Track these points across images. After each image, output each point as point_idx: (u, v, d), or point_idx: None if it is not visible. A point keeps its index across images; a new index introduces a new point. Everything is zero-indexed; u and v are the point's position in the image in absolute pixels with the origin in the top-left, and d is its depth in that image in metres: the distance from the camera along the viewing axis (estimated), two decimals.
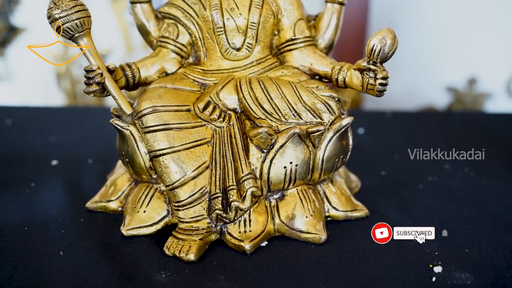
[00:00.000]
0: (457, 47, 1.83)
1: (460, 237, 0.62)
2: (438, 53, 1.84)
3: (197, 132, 0.62)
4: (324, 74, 0.67)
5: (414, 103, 1.92)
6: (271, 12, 0.67)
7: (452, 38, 1.83)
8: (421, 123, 1.09)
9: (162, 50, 0.68)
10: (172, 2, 0.69)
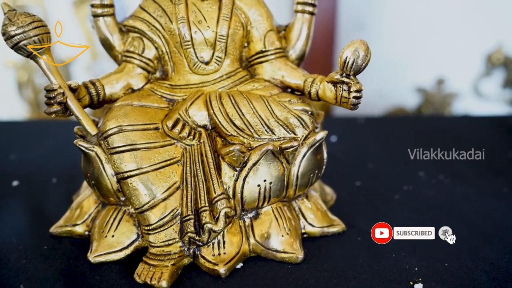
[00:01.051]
0: (425, 48, 1.85)
1: (439, 250, 0.61)
2: (407, 55, 1.86)
3: (167, 152, 0.59)
4: (296, 87, 0.65)
5: (384, 104, 1.93)
6: (240, 24, 0.65)
7: (420, 39, 1.85)
8: (393, 128, 1.09)
9: (128, 65, 0.65)
10: (136, 15, 0.66)
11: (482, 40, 1.81)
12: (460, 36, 1.83)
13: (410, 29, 1.83)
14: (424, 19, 1.82)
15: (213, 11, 0.64)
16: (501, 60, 1.83)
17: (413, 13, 1.81)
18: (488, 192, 0.76)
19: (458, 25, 1.81)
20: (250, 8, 0.66)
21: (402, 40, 1.85)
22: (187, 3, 0.64)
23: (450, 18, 1.81)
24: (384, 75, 1.87)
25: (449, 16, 1.80)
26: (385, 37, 1.85)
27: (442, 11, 1.80)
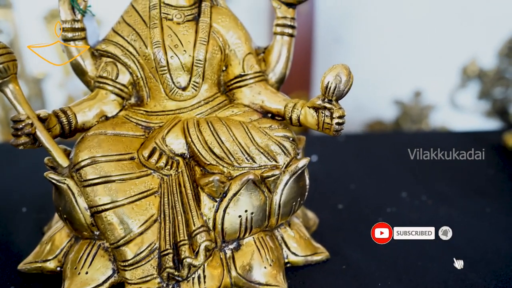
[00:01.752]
0: (402, 61, 1.86)
1: (425, 277, 0.59)
2: (384, 68, 1.87)
3: (143, 183, 0.56)
4: (277, 112, 0.63)
5: (362, 118, 1.93)
6: (218, 48, 0.63)
7: (396, 53, 1.86)
8: (374, 146, 1.08)
9: (101, 91, 0.62)
10: (109, 39, 0.63)
11: (457, 53, 1.83)
12: (436, 49, 1.85)
13: (386, 43, 1.84)
14: (400, 32, 1.83)
15: (190, 34, 0.62)
16: (476, 72, 1.85)
17: (389, 27, 1.83)
18: (471, 212, 0.76)
19: (434, 38, 1.83)
20: (228, 31, 0.64)
21: (379, 54, 1.86)
22: (162, 26, 0.62)
23: (425, 32, 1.83)
24: (362, 88, 1.88)
25: (425, 30, 1.82)
26: (362, 50, 1.86)
27: (417, 25, 1.82)
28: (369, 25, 1.80)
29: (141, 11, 0.63)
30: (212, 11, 0.64)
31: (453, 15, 1.79)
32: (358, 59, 1.85)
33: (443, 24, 1.82)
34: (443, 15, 1.79)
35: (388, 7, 1.79)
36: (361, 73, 1.85)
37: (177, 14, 0.63)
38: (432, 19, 1.81)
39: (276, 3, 0.66)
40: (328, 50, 1.81)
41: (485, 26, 1.79)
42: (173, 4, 0.63)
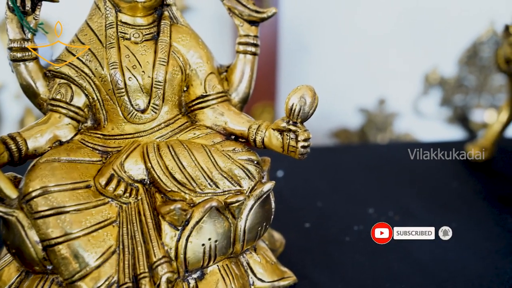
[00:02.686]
0: (366, 69, 1.88)
1: None
2: (349, 76, 1.88)
3: (100, 213, 0.53)
4: (240, 134, 0.61)
5: (328, 126, 1.94)
6: (178, 68, 0.61)
7: (360, 61, 1.88)
8: (340, 159, 1.08)
9: (54, 115, 0.59)
10: (62, 59, 0.60)
11: (419, 61, 1.86)
12: (399, 58, 1.87)
13: (351, 51, 1.86)
14: (364, 41, 1.85)
15: (149, 54, 0.60)
16: (437, 80, 1.89)
17: (353, 36, 1.84)
18: (436, 228, 0.75)
19: (397, 47, 1.86)
20: (188, 50, 0.62)
21: (343, 62, 1.87)
22: (119, 46, 0.59)
23: (389, 41, 1.85)
24: (327, 96, 1.88)
25: (388, 38, 1.85)
26: (327, 59, 1.86)
27: (381, 34, 1.84)
28: (333, 34, 1.81)
29: (97, 30, 0.60)
30: (172, 29, 0.62)
31: (415, 24, 1.82)
32: (323, 67, 1.85)
33: (405, 33, 1.84)
34: (405, 24, 1.82)
35: (352, 16, 1.80)
36: (326, 82, 1.86)
37: (134, 33, 0.60)
38: (395, 29, 1.84)
39: (239, 20, 0.64)
40: (293, 58, 1.81)
41: (446, 35, 1.82)
42: (131, 22, 0.60)
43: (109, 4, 0.60)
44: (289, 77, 1.79)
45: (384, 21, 1.83)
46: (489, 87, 1.89)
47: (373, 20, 1.83)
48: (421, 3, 1.80)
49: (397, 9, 1.81)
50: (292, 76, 1.80)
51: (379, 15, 1.82)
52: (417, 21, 1.82)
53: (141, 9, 0.60)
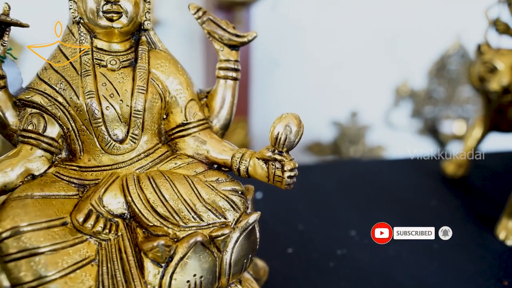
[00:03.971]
0: (338, 82, 1.89)
1: None
2: (321, 90, 1.89)
3: (78, 252, 0.50)
4: (223, 163, 0.59)
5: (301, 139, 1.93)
6: (158, 95, 0.59)
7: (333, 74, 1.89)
8: (317, 178, 1.07)
9: (25, 147, 0.55)
10: (34, 87, 0.56)
11: (389, 74, 1.89)
12: (369, 71, 1.90)
13: (323, 65, 1.87)
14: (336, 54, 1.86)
15: (127, 82, 0.57)
16: (408, 92, 1.91)
17: (325, 49, 1.85)
18: (419, 250, 0.75)
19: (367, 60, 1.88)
20: (167, 76, 0.60)
21: (315, 76, 1.88)
22: (95, 74, 0.56)
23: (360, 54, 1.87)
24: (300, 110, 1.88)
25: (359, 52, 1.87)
26: (299, 72, 1.87)
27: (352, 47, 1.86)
28: (305, 48, 1.82)
29: (71, 56, 0.57)
30: (150, 55, 0.60)
31: (385, 38, 1.85)
32: (294, 82, 1.86)
33: (376, 47, 1.87)
34: (376, 38, 1.85)
35: (323, 30, 1.81)
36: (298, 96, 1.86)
37: (111, 60, 0.57)
38: (366, 43, 1.86)
39: (219, 45, 0.62)
40: (265, 74, 1.81)
41: (415, 48, 1.86)
42: (107, 49, 0.58)
43: (83, 30, 0.58)
44: (261, 92, 1.79)
45: (355, 35, 1.86)
46: (457, 99, 1.93)
47: (344, 34, 1.85)
48: (391, 19, 1.83)
49: (367, 24, 1.84)
50: (264, 91, 1.79)
51: (350, 30, 1.84)
52: (387, 35, 1.85)
53: (117, 34, 0.58)
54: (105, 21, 0.56)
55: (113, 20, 0.56)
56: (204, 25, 0.62)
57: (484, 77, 0.90)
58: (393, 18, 1.84)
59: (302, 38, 1.80)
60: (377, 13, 1.83)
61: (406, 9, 1.85)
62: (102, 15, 0.56)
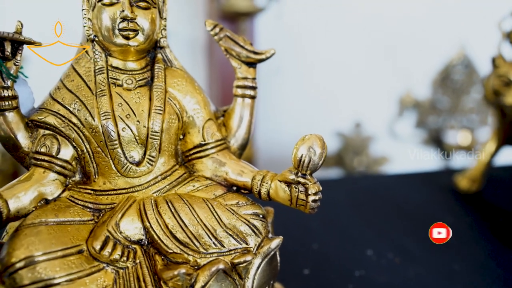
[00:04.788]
0: (342, 93, 1.88)
1: None
2: (325, 100, 1.88)
3: (95, 281, 0.48)
4: (243, 185, 0.57)
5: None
6: (175, 116, 0.57)
7: (336, 84, 1.88)
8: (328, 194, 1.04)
9: (38, 170, 0.53)
10: (48, 108, 0.54)
11: (393, 85, 1.88)
12: (373, 81, 1.88)
13: (326, 75, 1.86)
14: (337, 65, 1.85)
15: (143, 102, 0.55)
16: (412, 102, 1.90)
17: (328, 60, 1.84)
18: (439, 271, 0.73)
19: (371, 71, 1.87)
20: (185, 96, 0.58)
21: (319, 86, 1.86)
22: (111, 94, 0.54)
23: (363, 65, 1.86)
24: (303, 120, 1.87)
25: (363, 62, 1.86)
26: (302, 83, 1.85)
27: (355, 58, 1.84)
28: (309, 57, 1.81)
29: (85, 75, 0.55)
30: (166, 73, 0.58)
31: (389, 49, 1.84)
32: (299, 91, 1.84)
33: (380, 57, 1.86)
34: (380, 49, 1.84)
35: (327, 40, 1.80)
36: (302, 106, 1.85)
37: (127, 79, 0.55)
38: (370, 53, 1.85)
39: (236, 62, 0.61)
40: (269, 83, 1.79)
41: (419, 58, 1.85)
42: (122, 67, 0.56)
43: (98, 48, 0.56)
44: (265, 102, 1.77)
45: (358, 45, 1.85)
46: (461, 109, 1.92)
47: (347, 44, 1.84)
48: (394, 28, 1.82)
49: (371, 33, 1.83)
50: (268, 102, 1.78)
51: (353, 40, 1.83)
52: (390, 45, 1.84)
53: (133, 52, 0.56)
54: (121, 39, 0.54)
55: (129, 38, 0.54)
56: (221, 42, 0.60)
57: (499, 90, 0.89)
58: (397, 28, 1.83)
59: (305, 48, 1.78)
60: (381, 23, 1.82)
61: (410, 18, 1.84)
62: (118, 33, 0.54)
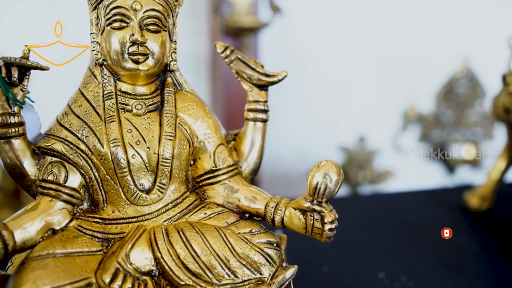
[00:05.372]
0: (345, 107, 1.87)
1: None
2: (328, 114, 1.86)
3: None
4: (256, 212, 0.56)
5: (308, 164, 1.90)
6: (186, 141, 0.55)
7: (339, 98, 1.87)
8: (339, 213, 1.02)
9: (44, 199, 0.51)
10: (55, 134, 0.53)
11: (396, 98, 1.87)
12: (376, 95, 1.87)
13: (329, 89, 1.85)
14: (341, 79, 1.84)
15: (153, 128, 0.53)
16: (415, 116, 1.89)
17: (332, 73, 1.83)
18: None
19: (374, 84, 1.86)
20: (195, 120, 0.56)
21: (322, 100, 1.85)
22: (120, 119, 0.53)
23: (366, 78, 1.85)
24: (307, 134, 1.86)
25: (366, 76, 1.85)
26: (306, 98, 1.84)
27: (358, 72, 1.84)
28: (312, 72, 1.80)
29: (93, 101, 0.54)
30: (176, 97, 0.57)
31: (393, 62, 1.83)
32: (302, 105, 1.83)
33: (383, 71, 1.85)
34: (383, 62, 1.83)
35: (331, 54, 1.79)
36: (305, 121, 1.83)
37: (137, 104, 0.54)
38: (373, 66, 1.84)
39: (248, 85, 0.59)
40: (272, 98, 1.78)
41: (422, 72, 1.84)
42: (131, 92, 0.54)
43: (106, 72, 0.54)
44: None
45: (362, 59, 1.84)
46: (465, 122, 1.90)
47: (350, 58, 1.83)
48: (398, 42, 1.82)
49: (374, 47, 1.82)
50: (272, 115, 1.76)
51: (357, 54, 1.82)
52: (394, 59, 1.83)
53: (143, 77, 0.54)
54: (130, 63, 0.53)
55: (139, 62, 0.53)
56: (232, 64, 0.59)
57: (510, 108, 0.87)
58: (400, 42, 1.83)
59: (309, 63, 1.78)
60: (384, 37, 1.82)
61: (413, 33, 1.84)
62: (128, 57, 0.53)
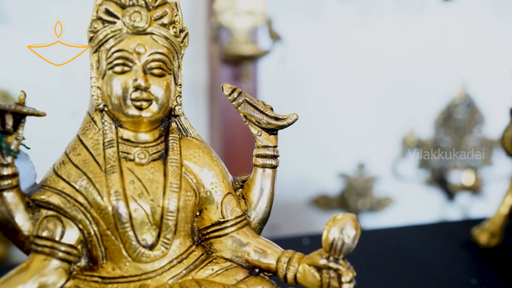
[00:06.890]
0: (344, 134, 1.85)
1: None
2: (327, 140, 1.84)
3: None
4: (266, 268, 0.52)
5: (308, 192, 1.87)
6: (192, 192, 0.51)
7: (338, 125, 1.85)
8: None
9: (38, 257, 0.47)
10: (50, 186, 0.49)
11: (396, 125, 1.85)
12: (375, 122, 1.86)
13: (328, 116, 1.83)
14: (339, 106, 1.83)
15: (157, 178, 0.50)
16: (414, 142, 1.87)
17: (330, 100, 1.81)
18: None
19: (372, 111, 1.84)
20: (202, 168, 0.53)
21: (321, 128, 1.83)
22: (121, 170, 0.49)
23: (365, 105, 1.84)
24: (305, 161, 1.83)
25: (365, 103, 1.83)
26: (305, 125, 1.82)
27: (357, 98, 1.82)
28: (311, 99, 1.78)
29: (93, 149, 0.50)
30: (181, 144, 0.53)
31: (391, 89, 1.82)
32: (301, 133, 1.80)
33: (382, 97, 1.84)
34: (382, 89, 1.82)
35: (330, 82, 1.78)
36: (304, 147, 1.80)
37: (140, 153, 0.50)
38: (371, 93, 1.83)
39: (256, 130, 0.56)
40: None
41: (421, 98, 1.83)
42: (134, 139, 0.51)
43: (107, 118, 0.51)
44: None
45: (360, 86, 1.83)
46: (464, 148, 1.89)
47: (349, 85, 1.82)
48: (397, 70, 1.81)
49: (373, 76, 1.81)
50: None
51: (355, 81, 1.81)
52: (393, 87, 1.82)
53: (146, 123, 0.51)
54: (133, 109, 0.49)
55: (143, 108, 0.50)
56: (239, 107, 0.55)
57: None
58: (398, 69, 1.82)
59: (308, 90, 1.76)
60: (383, 65, 1.81)
61: (411, 59, 1.83)
62: (130, 103, 0.49)
